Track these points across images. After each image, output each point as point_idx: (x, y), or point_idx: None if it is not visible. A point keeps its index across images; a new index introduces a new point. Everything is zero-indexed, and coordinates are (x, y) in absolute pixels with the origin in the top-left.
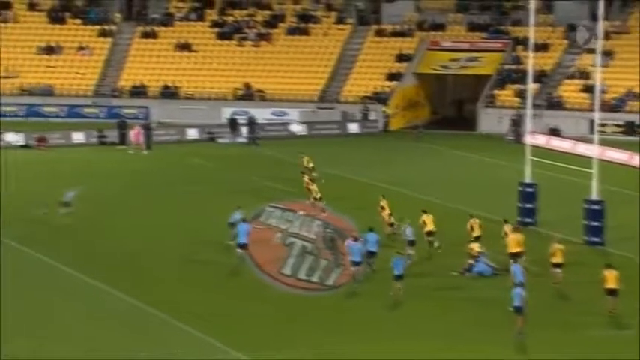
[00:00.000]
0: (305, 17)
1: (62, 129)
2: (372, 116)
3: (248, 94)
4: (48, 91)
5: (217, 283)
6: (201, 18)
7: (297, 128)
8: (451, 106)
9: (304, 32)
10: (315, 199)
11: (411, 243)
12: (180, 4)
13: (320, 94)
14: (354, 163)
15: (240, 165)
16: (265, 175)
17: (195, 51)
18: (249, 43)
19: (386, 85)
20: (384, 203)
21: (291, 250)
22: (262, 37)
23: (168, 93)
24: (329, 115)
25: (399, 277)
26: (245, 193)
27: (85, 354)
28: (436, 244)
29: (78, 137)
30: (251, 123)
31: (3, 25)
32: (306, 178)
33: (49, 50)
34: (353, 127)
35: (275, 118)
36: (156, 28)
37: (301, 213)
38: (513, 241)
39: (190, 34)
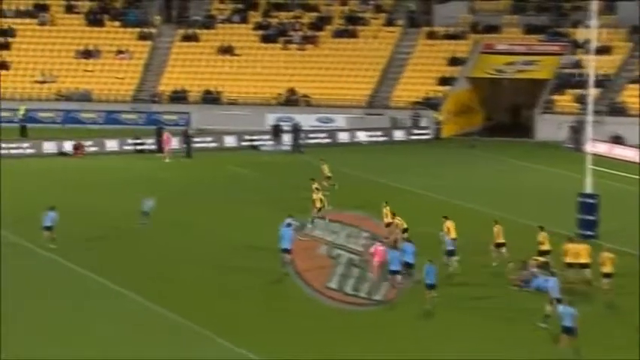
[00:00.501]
0: (353, 19)
1: (99, 136)
2: (423, 123)
3: (293, 100)
4: (85, 97)
5: (258, 294)
6: (244, 20)
7: (343, 135)
8: (506, 112)
9: (352, 35)
10: (317, 208)
11: (451, 253)
12: (223, 6)
13: (368, 99)
14: (402, 170)
15: (282, 173)
16: (309, 184)
17: (238, 55)
18: (294, 46)
19: (438, 90)
20: (387, 210)
21: (337, 262)
22: (308, 39)
23: (210, 98)
24: (377, 122)
25: (432, 287)
26: (287, 203)
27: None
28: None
29: (112, 145)
30: (295, 130)
31: (40, 27)
32: (314, 186)
33: (87, 54)
34: (402, 134)
35: (321, 124)
36: (197, 31)
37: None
38: (585, 251)
39: (233, 37)
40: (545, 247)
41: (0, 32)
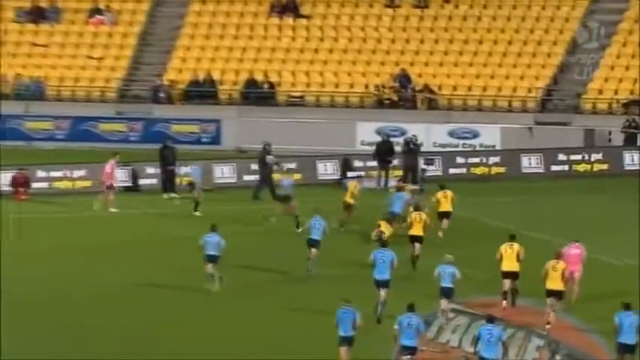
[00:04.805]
0: None
1: (59, 161)
2: None
3: (404, 97)
4: (34, 92)
5: None
6: None
7: (497, 160)
8: None
9: None
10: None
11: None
12: None
13: (540, 98)
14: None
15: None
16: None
17: (306, 16)
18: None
19: None
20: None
21: None
22: None
23: (259, 93)
24: (560, 137)
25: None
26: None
27: None
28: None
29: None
30: (410, 150)
31: None
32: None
33: (37, 14)
34: (614, 159)
35: (457, 140)
36: None
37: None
38: None
39: None
40: None
41: None
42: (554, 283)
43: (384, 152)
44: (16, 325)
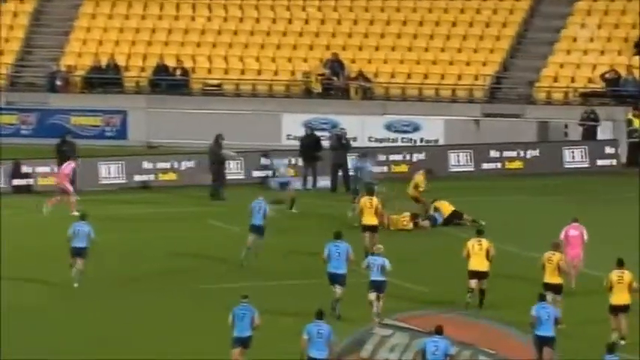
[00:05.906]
0: None
1: None
2: (604, 132)
3: (336, 86)
4: None
5: None
6: None
7: (442, 156)
8: None
9: None
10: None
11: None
12: None
13: (489, 87)
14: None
15: (316, 235)
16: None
17: None
18: None
19: (633, 65)
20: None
21: None
22: None
23: (169, 82)
24: (511, 130)
25: None
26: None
27: None
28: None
29: None
30: (341, 145)
31: None
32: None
33: None
34: (561, 154)
35: (395, 135)
36: None
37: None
38: None
39: None
40: None
41: None
42: (551, 277)
43: (308, 148)
44: None
